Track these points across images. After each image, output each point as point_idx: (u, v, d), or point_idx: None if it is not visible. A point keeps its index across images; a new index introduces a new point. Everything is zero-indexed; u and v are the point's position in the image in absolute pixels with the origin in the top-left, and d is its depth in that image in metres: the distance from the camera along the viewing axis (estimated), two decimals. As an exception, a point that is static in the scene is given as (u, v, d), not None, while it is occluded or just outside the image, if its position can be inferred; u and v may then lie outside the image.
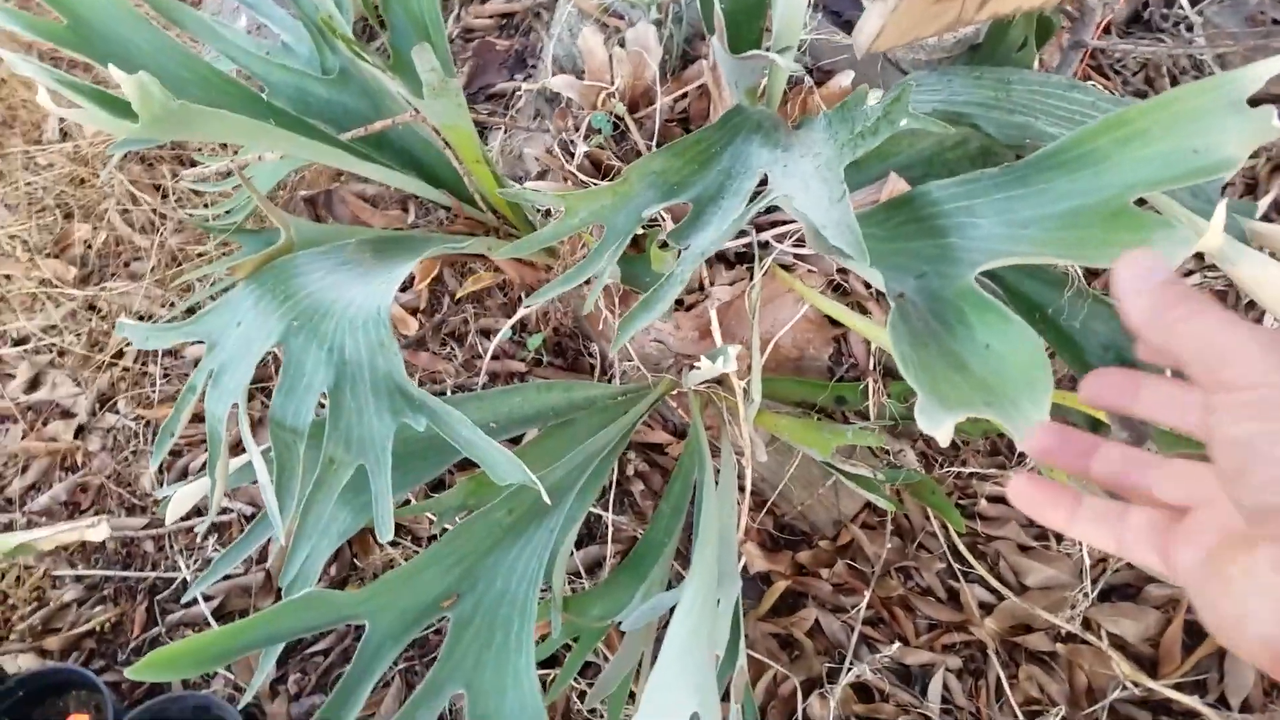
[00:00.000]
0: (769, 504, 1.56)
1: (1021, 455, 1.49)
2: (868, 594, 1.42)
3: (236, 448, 1.39)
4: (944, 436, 0.51)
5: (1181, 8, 1.88)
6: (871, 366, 1.40)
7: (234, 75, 1.04)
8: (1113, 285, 0.40)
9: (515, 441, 1.59)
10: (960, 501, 1.50)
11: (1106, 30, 1.96)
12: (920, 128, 0.62)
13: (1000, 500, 1.49)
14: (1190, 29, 1.89)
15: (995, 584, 1.42)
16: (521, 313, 1.53)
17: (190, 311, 1.41)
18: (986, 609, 1.45)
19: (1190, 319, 0.36)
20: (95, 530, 1.00)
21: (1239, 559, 0.34)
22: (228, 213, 1.32)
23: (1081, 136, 0.57)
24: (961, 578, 1.46)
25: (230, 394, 0.91)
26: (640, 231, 1.26)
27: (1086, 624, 1.38)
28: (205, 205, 1.84)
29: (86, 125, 0.78)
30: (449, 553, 0.99)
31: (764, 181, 0.79)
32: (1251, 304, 1.51)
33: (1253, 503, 0.33)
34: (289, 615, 0.86)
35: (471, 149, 1.21)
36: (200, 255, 1.85)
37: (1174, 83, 1.87)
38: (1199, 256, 1.26)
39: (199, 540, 1.49)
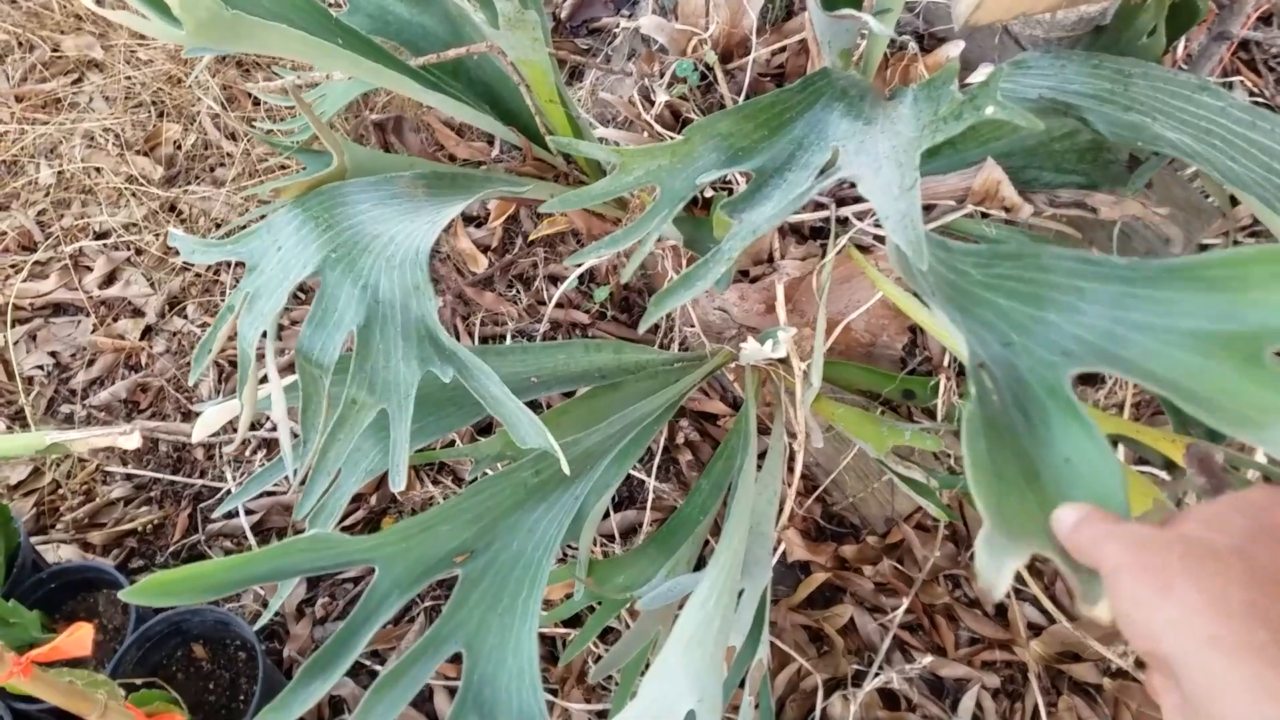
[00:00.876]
0: (820, 490, 1.50)
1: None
2: (909, 597, 1.35)
3: (284, 370, 1.39)
4: (1001, 587, 0.42)
5: (1357, 2, 1.68)
6: (946, 363, 1.31)
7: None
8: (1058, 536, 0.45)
9: (567, 395, 1.56)
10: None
11: (1266, 20, 1.77)
12: (1007, 119, 0.54)
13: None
14: (1364, 27, 1.69)
15: (1048, 605, 1.33)
16: (588, 263, 1.49)
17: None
18: (1035, 630, 1.36)
19: (1089, 540, 0.43)
20: (128, 438, 1.00)
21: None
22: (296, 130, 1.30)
23: (1229, 258, 0.48)
24: (1013, 594, 1.38)
25: (263, 319, 0.89)
26: (709, 193, 1.19)
27: (1140, 662, 1.28)
28: (293, 116, 1.83)
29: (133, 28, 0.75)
30: (469, 507, 0.96)
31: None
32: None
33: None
34: (294, 553, 0.84)
35: (546, 87, 1.15)
36: (283, 168, 1.85)
37: (1334, 87, 1.68)
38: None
39: (248, 454, 1.50)
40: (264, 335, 0.89)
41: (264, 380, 0.96)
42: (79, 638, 0.87)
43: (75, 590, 1.26)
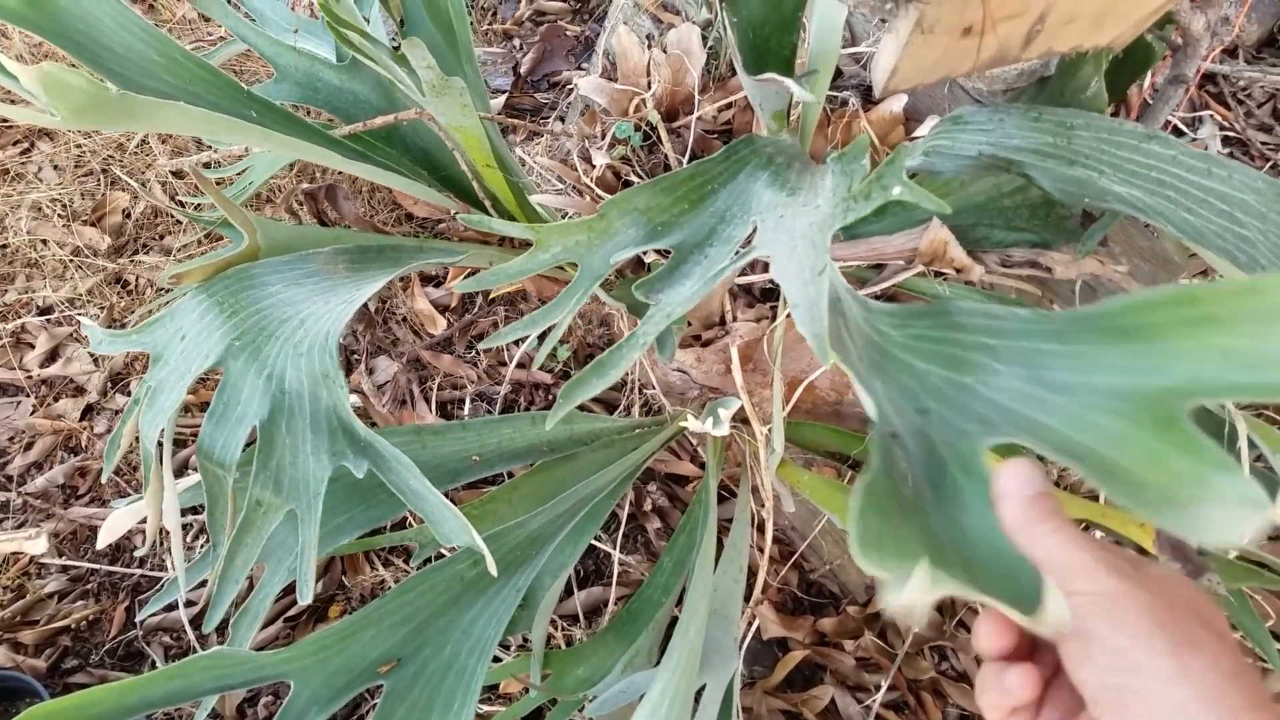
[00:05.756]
0: (796, 556, 1.42)
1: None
2: (892, 673, 1.27)
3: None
4: (923, 606, 0.37)
5: (1325, 33, 1.64)
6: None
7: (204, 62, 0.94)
8: (993, 489, 0.44)
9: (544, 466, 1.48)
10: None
11: (1233, 54, 1.73)
12: (912, 201, 0.48)
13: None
14: (1333, 57, 1.65)
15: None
16: (542, 327, 1.42)
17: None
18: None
19: (1049, 534, 0.41)
20: (34, 543, 0.93)
21: None
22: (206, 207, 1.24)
23: (1139, 304, 0.43)
24: (1002, 666, 1.29)
25: (162, 415, 0.82)
26: (652, 257, 1.13)
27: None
28: (232, 183, 1.78)
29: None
30: (396, 609, 0.88)
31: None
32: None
33: (1095, 683, 0.40)
34: (194, 673, 0.77)
35: (481, 152, 1.10)
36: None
37: (1307, 119, 1.64)
38: None
39: (187, 541, 1.43)
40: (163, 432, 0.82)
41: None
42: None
43: (-6, 700, 1.18)
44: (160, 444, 0.83)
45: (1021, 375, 0.48)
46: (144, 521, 0.96)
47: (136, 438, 0.90)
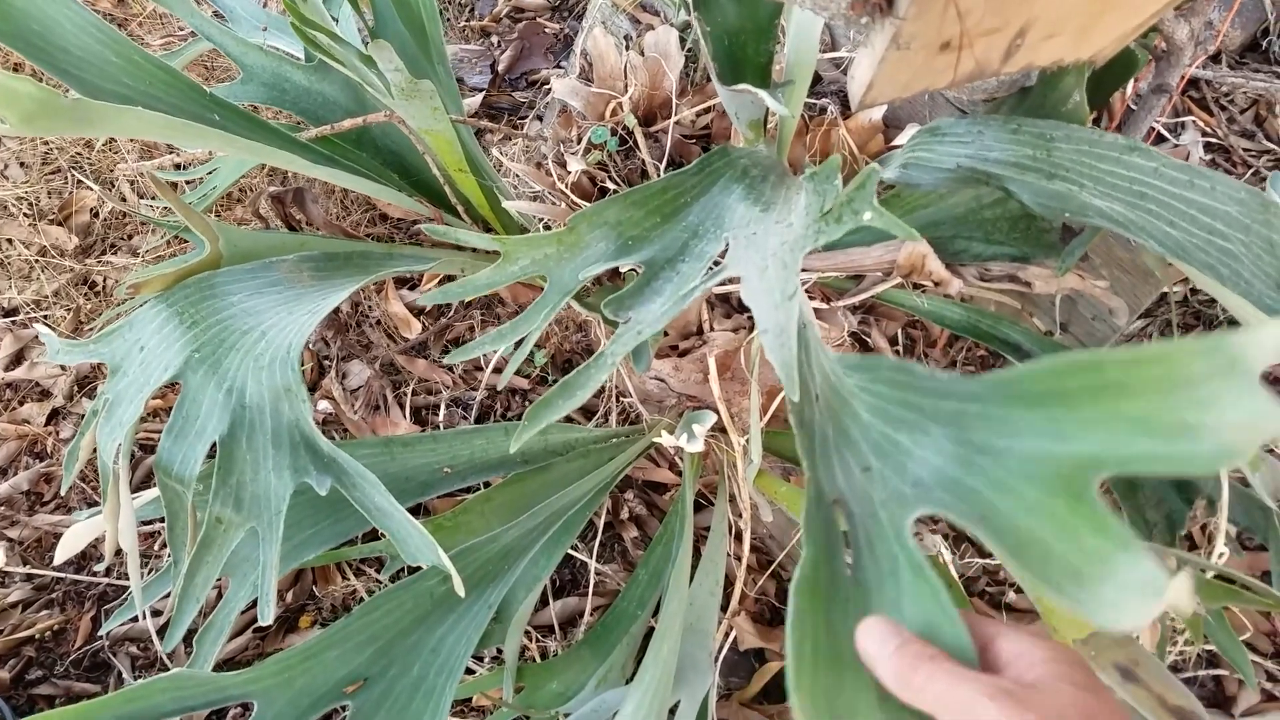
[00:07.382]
0: (774, 566, 1.41)
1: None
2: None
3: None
4: None
5: (1305, 39, 1.64)
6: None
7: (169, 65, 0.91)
8: (858, 650, 0.44)
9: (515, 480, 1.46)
10: (988, 589, 1.33)
11: (1216, 59, 1.73)
12: (883, 228, 0.47)
13: (1033, 592, 1.31)
14: (1314, 64, 1.65)
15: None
16: (511, 340, 1.41)
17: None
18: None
19: (927, 682, 0.41)
20: (-10, 557, 0.90)
21: None
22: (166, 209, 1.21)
23: (1047, 370, 0.42)
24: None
25: (120, 428, 0.80)
26: (623, 271, 1.11)
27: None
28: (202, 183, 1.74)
29: None
30: (363, 628, 0.86)
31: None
32: None
33: None
34: (153, 695, 0.74)
35: (454, 156, 1.07)
36: (204, 236, 1.76)
37: (1287, 124, 1.63)
38: None
39: (155, 549, 1.40)
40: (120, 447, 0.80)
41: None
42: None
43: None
44: (118, 458, 0.81)
45: (950, 436, 0.47)
46: (104, 537, 0.93)
47: (96, 449, 0.87)
